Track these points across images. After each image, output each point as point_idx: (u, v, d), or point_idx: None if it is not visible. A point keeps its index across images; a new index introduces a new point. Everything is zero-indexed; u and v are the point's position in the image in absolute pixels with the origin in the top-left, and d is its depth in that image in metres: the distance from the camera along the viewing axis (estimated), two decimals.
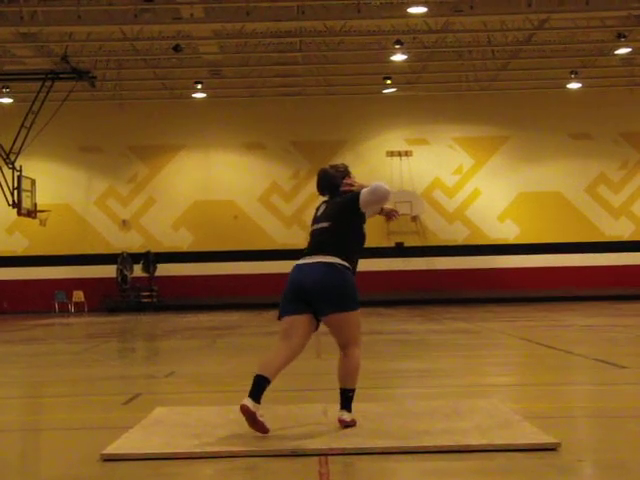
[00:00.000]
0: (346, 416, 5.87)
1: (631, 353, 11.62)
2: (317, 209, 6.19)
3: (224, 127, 31.91)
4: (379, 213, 6.11)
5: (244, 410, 5.57)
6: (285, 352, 5.77)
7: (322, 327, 6.05)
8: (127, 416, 6.76)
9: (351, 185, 6.06)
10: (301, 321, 5.81)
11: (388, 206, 6.20)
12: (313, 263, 5.85)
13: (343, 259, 5.85)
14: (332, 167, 6.26)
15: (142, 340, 17.68)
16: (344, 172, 6.19)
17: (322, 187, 6.21)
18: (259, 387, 5.62)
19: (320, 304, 5.81)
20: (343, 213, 5.96)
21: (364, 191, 5.90)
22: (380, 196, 5.88)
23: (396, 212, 6.24)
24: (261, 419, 5.59)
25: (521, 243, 31.60)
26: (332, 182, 6.15)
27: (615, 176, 31.94)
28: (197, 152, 32.12)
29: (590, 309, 24.41)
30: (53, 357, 13.13)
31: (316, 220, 6.10)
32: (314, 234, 6.04)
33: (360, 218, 5.97)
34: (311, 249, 5.96)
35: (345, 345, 5.95)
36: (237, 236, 31.47)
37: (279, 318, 5.92)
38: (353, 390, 5.94)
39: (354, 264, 5.96)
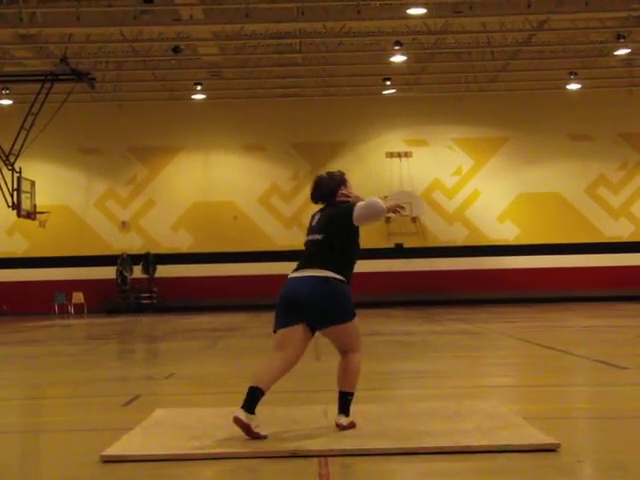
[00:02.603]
0: (343, 420, 5.86)
1: (631, 354, 11.62)
2: (312, 217, 6.11)
3: (224, 128, 31.90)
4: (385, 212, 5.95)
5: (237, 422, 5.56)
6: (279, 363, 5.74)
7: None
8: (127, 418, 6.76)
9: (347, 196, 5.98)
10: (295, 332, 5.77)
11: (391, 202, 6.12)
12: (305, 277, 5.79)
13: (336, 271, 5.78)
14: (328, 174, 6.15)
15: (142, 341, 17.68)
16: (339, 180, 6.07)
17: (316, 195, 6.12)
18: (253, 398, 5.59)
19: (315, 318, 5.77)
20: (336, 226, 5.88)
21: (358, 205, 5.81)
22: (374, 212, 5.78)
23: (401, 207, 6.07)
24: (256, 430, 5.57)
25: (521, 244, 31.60)
26: (325, 190, 6.06)
27: (614, 177, 31.95)
28: (197, 153, 32.12)
29: (590, 310, 24.41)
30: (53, 359, 13.13)
31: (310, 230, 6.03)
32: (308, 245, 5.99)
33: (354, 231, 5.88)
34: (304, 262, 5.90)
35: (345, 351, 5.94)
36: (237, 237, 31.47)
37: (274, 331, 5.90)
38: (352, 394, 5.92)
39: (348, 275, 5.88)
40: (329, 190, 6.05)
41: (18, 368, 11.84)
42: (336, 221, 5.90)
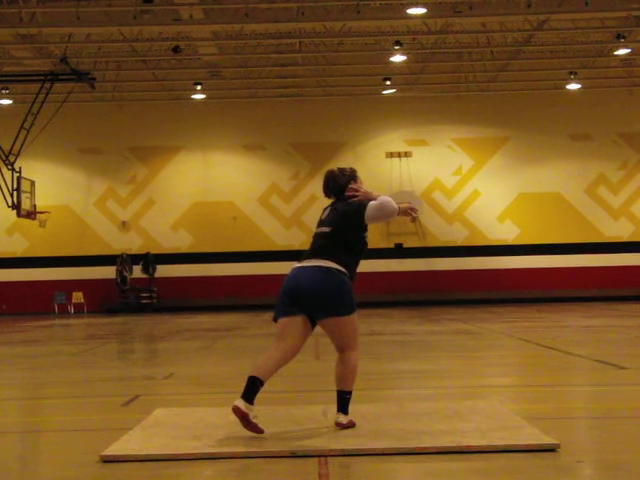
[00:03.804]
0: (342, 419, 5.87)
1: (630, 354, 11.62)
2: (323, 211, 6.17)
3: (223, 128, 31.90)
4: (397, 214, 5.97)
5: (236, 411, 5.58)
6: (279, 354, 5.76)
7: (320, 329, 6.04)
8: (126, 417, 6.76)
9: (356, 191, 6.02)
10: (296, 323, 5.80)
11: (404, 205, 6.15)
12: (309, 267, 5.84)
13: (340, 264, 5.82)
14: (339, 170, 6.23)
15: (141, 341, 17.68)
16: (349, 176, 6.14)
17: (326, 189, 6.20)
18: (252, 388, 5.61)
19: (315, 308, 5.80)
20: (346, 221, 5.93)
21: (371, 205, 5.85)
22: (387, 214, 5.86)
23: (415, 210, 6.13)
24: (254, 420, 5.58)
25: (521, 244, 31.59)
26: (335, 185, 6.13)
27: (614, 177, 31.94)
28: (196, 153, 32.12)
29: (590, 310, 24.42)
30: (52, 358, 13.12)
31: (320, 223, 6.09)
32: (315, 238, 6.04)
33: (363, 228, 5.95)
34: (310, 253, 5.95)
35: (342, 348, 5.94)
36: (236, 237, 31.46)
37: (274, 320, 5.92)
38: (350, 392, 5.93)
39: (352, 270, 5.92)
40: (339, 186, 6.11)
41: (18, 368, 11.83)
42: (346, 217, 5.95)
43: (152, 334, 19.44)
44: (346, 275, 5.85)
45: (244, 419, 5.56)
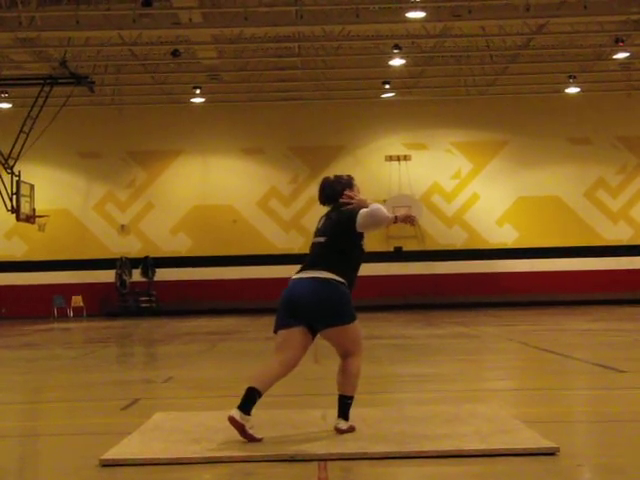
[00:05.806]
0: (342, 424, 5.86)
1: (630, 357, 11.62)
2: (319, 220, 6.14)
3: (223, 132, 31.91)
4: (394, 222, 5.91)
5: (232, 422, 5.58)
6: (278, 365, 5.75)
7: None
8: (126, 421, 6.76)
9: (350, 198, 5.99)
10: (295, 334, 5.78)
11: (402, 213, 6.12)
12: (306, 278, 5.82)
13: (338, 274, 5.80)
14: (335, 177, 6.19)
15: (141, 345, 17.67)
16: (345, 183, 6.10)
17: (321, 196, 6.17)
18: (249, 399, 5.60)
19: (313, 319, 5.79)
20: (339, 230, 5.90)
21: (362, 213, 5.80)
22: (378, 221, 5.80)
23: (413, 217, 6.07)
24: (250, 431, 5.58)
25: (520, 247, 31.61)
26: (331, 193, 6.09)
27: (613, 180, 31.96)
28: (196, 157, 32.13)
29: (589, 313, 24.41)
30: (51, 362, 13.12)
31: (316, 233, 6.06)
32: (312, 248, 6.01)
33: (357, 235, 5.90)
34: (307, 263, 5.93)
35: (345, 355, 5.95)
36: (236, 241, 31.46)
37: (275, 332, 5.91)
38: (351, 397, 5.93)
39: (351, 279, 5.89)
40: (334, 193, 6.08)
41: (17, 372, 11.82)
42: (340, 225, 5.92)
43: (151, 338, 19.43)
44: (344, 284, 5.82)
45: (240, 430, 5.57)
